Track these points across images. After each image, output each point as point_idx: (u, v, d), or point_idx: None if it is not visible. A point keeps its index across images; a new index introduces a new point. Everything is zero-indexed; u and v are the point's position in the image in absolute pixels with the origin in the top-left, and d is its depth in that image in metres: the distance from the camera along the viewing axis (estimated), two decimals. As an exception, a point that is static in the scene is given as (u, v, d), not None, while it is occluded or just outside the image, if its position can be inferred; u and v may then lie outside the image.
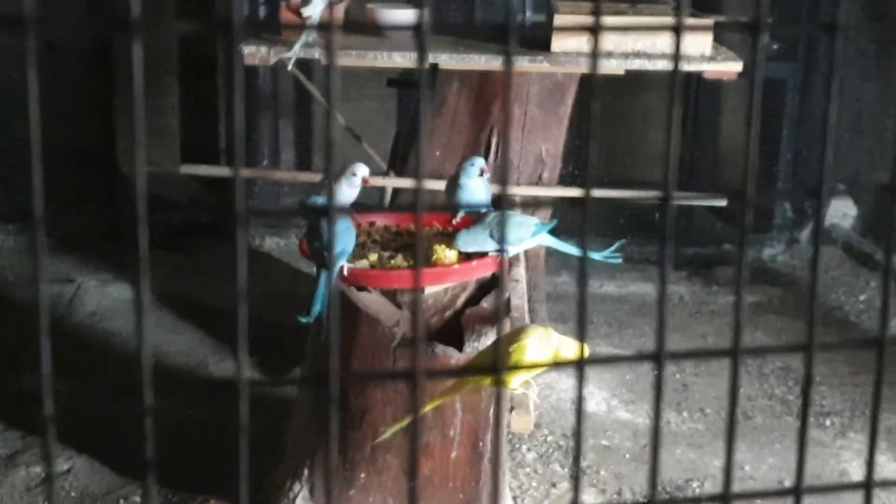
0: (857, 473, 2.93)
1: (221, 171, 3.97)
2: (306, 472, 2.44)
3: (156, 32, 4.34)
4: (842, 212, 4.53)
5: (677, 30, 0.52)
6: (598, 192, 3.19)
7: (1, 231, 4.41)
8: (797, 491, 0.55)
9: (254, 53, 2.92)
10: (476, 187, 2.44)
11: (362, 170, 2.39)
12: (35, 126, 0.44)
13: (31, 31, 0.42)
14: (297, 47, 2.88)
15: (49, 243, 4.32)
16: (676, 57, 0.55)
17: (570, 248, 2.58)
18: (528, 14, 3.51)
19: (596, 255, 2.54)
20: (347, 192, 2.39)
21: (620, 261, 2.65)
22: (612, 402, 3.30)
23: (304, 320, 2.29)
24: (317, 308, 2.27)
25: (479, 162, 2.47)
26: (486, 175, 2.45)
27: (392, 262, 2.39)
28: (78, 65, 4.51)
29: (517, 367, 2.08)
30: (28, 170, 0.50)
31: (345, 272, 2.30)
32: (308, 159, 4.64)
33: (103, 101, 4.50)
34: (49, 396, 0.47)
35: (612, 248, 2.54)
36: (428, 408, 2.11)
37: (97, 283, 4.05)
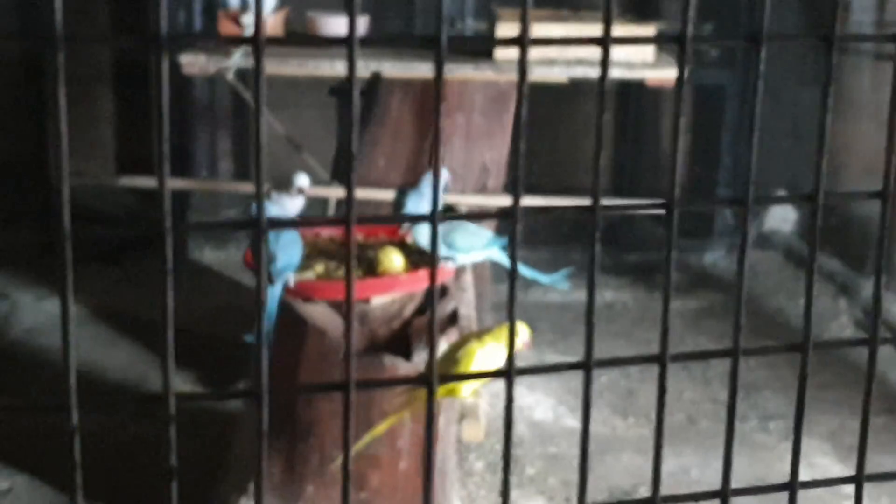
0: (802, 475, 2.95)
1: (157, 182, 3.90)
2: (251, 486, 2.40)
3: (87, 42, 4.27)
4: (781, 217, 4.58)
5: (604, 42, 0.50)
6: (528, 201, 3.18)
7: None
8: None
9: (192, 63, 2.88)
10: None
11: (302, 180, 2.36)
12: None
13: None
14: (236, 56, 2.85)
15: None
16: (604, 66, 0.54)
17: (519, 268, 2.58)
18: (470, 22, 3.51)
19: (543, 279, 2.56)
20: (291, 203, 2.36)
21: (567, 287, 2.68)
22: (559, 409, 3.29)
23: (250, 339, 2.26)
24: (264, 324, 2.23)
25: (444, 173, 2.47)
26: (448, 185, 2.45)
27: (338, 272, 2.36)
28: (8, 76, 4.43)
29: (452, 378, 2.06)
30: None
31: (291, 284, 2.26)
32: (247, 170, 4.59)
33: (35, 112, 4.41)
34: None
35: (559, 275, 2.57)
36: (382, 427, 2.08)
37: (32, 299, 3.96)
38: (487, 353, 2.01)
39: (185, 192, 4.33)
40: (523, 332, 2.09)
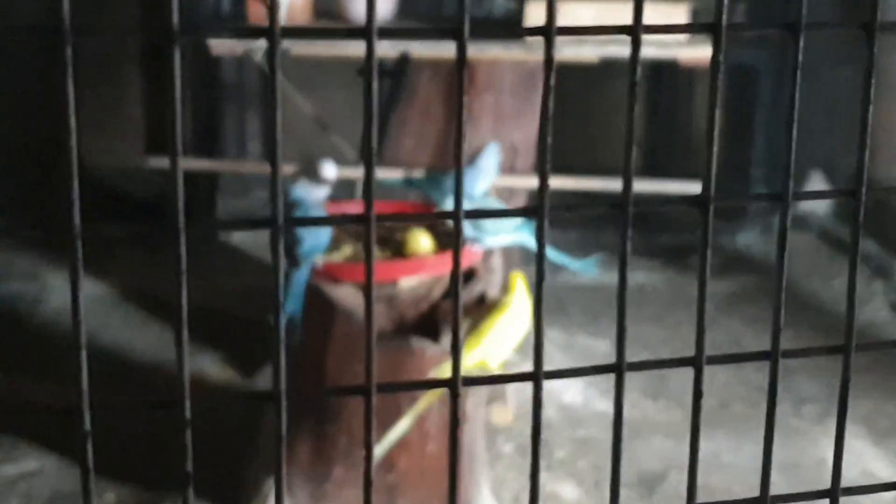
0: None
1: (189, 163, 3.91)
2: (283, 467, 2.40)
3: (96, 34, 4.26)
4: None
5: (635, 31, 0.48)
6: (558, 182, 3.15)
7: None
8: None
9: (220, 44, 2.86)
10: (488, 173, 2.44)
11: (328, 170, 2.33)
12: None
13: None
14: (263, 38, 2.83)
15: (11, 241, 4.26)
16: (634, 60, 0.51)
17: (548, 252, 2.56)
18: (500, 1, 3.47)
19: (573, 265, 2.54)
20: (317, 189, 2.34)
21: (595, 273, 2.66)
22: (588, 392, 3.27)
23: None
24: (288, 308, 2.22)
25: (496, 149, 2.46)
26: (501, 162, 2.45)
27: (366, 254, 2.35)
28: (38, 58, 4.44)
29: (474, 380, 2.04)
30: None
31: (318, 266, 2.25)
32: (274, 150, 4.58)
33: (65, 94, 4.42)
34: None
35: (589, 261, 2.56)
36: (413, 413, 2.07)
37: (62, 280, 3.98)
38: (510, 318, 2.01)
39: (214, 174, 4.33)
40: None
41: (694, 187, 4.02)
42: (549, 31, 0.46)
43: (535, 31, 0.46)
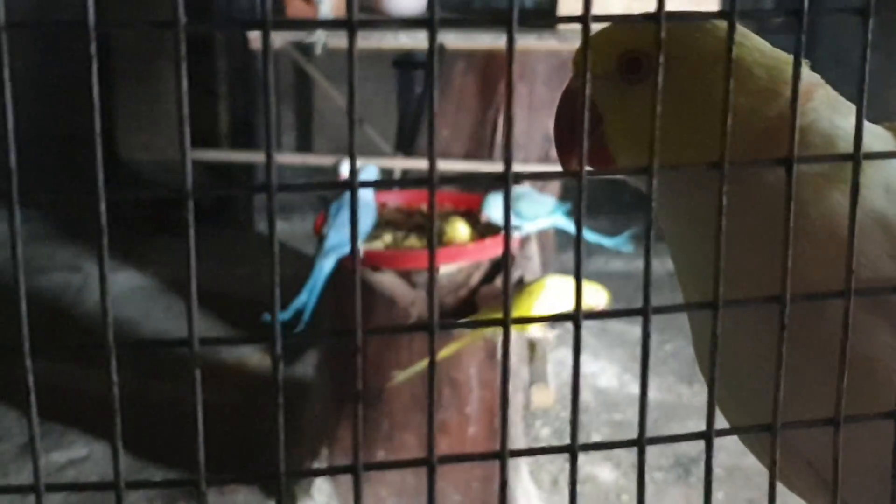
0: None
1: (226, 155, 3.97)
2: (325, 451, 2.46)
3: (154, 16, 4.32)
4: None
5: (657, 19, 0.52)
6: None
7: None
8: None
9: (259, 38, 2.92)
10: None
11: (344, 170, 2.38)
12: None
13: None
14: (319, 30, 2.87)
15: (54, 231, 4.34)
16: (658, 48, 0.55)
17: (584, 233, 2.60)
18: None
19: (607, 243, 2.58)
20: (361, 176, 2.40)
21: (632, 249, 2.70)
22: (624, 377, 3.31)
23: (267, 319, 2.28)
24: (302, 299, 2.24)
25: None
26: None
27: (406, 242, 2.40)
28: (77, 51, 4.51)
29: (523, 319, 2.09)
30: (26, 155, 0.51)
31: (334, 264, 2.28)
32: (309, 143, 4.64)
33: (104, 87, 4.50)
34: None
35: (623, 237, 2.59)
36: (443, 353, 2.12)
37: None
38: (557, 287, 2.05)
39: (249, 166, 4.39)
40: (601, 294, 2.13)
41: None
42: (585, 19, 0.51)
43: (572, 19, 0.51)
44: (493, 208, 2.42)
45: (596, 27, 0.56)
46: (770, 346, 0.53)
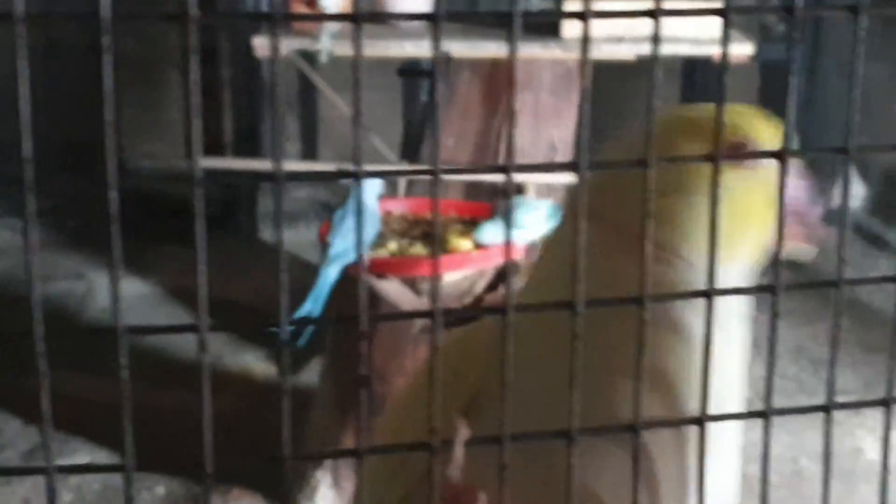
0: (872, 451, 2.94)
1: (229, 163, 3.97)
2: (329, 460, 2.46)
3: (154, 24, 4.34)
4: (850, 192, 4.53)
5: (655, 15, 0.53)
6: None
7: (6, 228, 4.42)
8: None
9: (263, 45, 2.92)
10: None
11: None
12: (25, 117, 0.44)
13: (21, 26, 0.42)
14: (324, 38, 2.86)
15: (57, 239, 4.34)
16: (656, 40, 0.56)
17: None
18: (536, 1, 3.52)
19: None
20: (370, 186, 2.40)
21: None
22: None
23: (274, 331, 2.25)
24: (306, 307, 2.24)
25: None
26: None
27: (411, 250, 2.41)
28: (80, 59, 4.52)
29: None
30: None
31: (339, 272, 2.27)
32: (314, 152, 4.64)
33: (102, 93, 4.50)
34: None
35: None
36: None
37: (108, 279, 4.06)
38: None
39: (254, 174, 4.39)
40: None
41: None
42: (585, 16, 0.52)
43: (573, 15, 0.52)
44: (486, 234, 2.42)
45: (600, 28, 0.57)
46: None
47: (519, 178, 3.15)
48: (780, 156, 0.57)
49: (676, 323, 0.80)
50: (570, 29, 2.97)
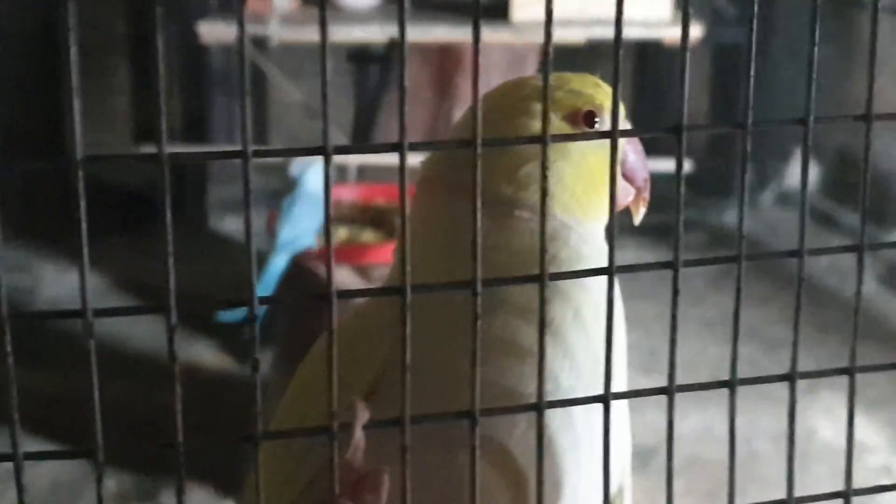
0: (826, 431, 2.96)
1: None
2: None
3: (100, 11, 4.27)
4: (808, 166, 4.55)
5: None
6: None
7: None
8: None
9: (211, 31, 2.87)
10: None
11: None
12: None
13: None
14: (274, 23, 2.82)
15: (2, 232, 4.26)
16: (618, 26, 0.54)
17: None
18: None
19: None
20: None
21: None
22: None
23: (224, 318, 2.23)
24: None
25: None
26: None
27: (362, 237, 2.38)
28: (23, 48, 4.44)
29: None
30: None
31: (286, 261, 2.25)
32: (264, 138, 4.59)
33: (50, 85, 4.43)
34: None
35: None
36: None
37: (53, 272, 4.00)
38: None
39: (223, 153, 4.33)
40: None
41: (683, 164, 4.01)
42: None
43: None
44: None
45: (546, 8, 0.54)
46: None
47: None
48: (612, 135, 0.57)
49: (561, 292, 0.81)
50: (520, 12, 2.95)
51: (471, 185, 0.57)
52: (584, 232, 0.83)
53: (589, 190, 0.84)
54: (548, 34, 0.49)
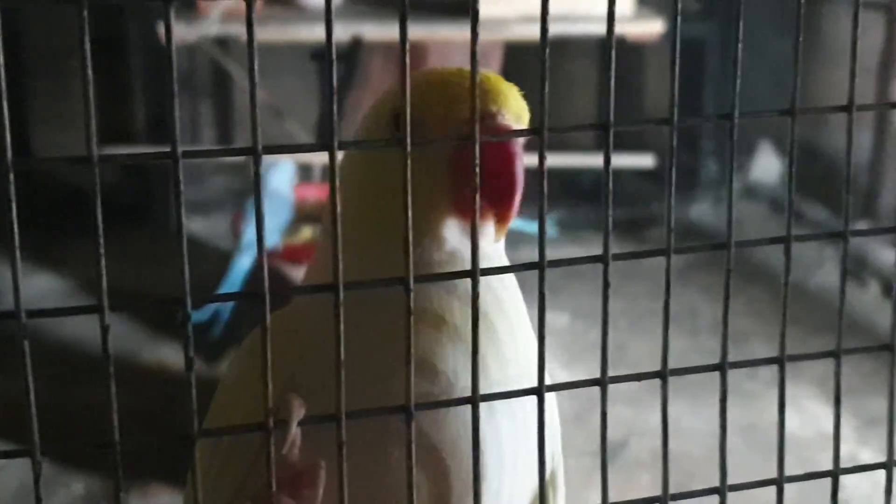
0: (791, 422, 2.98)
1: (142, 152, 3.89)
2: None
3: (64, 13, 4.23)
4: (767, 167, 4.59)
5: None
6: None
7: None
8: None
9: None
10: None
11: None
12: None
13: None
14: (212, 19, 2.82)
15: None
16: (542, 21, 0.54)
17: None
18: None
19: (527, 228, 2.54)
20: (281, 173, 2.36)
21: (556, 235, 2.68)
22: (550, 364, 3.32)
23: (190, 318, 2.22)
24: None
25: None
26: None
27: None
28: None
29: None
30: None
31: (256, 260, 2.26)
32: (229, 138, 4.57)
33: (13, 85, 4.38)
34: None
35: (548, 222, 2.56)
36: None
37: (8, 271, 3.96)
38: None
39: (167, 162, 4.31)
40: None
41: (645, 160, 4.09)
42: None
43: None
44: None
45: (512, 7, 0.54)
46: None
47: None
48: (540, 132, 0.57)
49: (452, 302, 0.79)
50: (484, 9, 2.95)
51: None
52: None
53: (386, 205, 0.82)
54: (474, 33, 0.49)
